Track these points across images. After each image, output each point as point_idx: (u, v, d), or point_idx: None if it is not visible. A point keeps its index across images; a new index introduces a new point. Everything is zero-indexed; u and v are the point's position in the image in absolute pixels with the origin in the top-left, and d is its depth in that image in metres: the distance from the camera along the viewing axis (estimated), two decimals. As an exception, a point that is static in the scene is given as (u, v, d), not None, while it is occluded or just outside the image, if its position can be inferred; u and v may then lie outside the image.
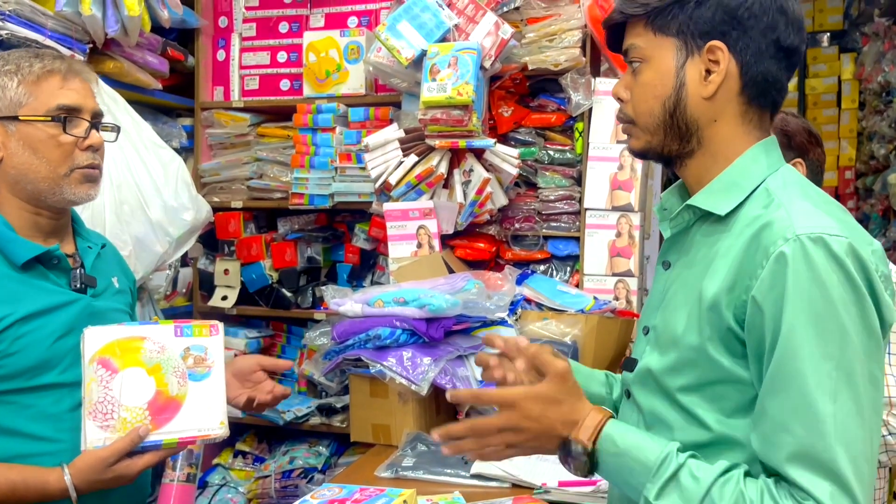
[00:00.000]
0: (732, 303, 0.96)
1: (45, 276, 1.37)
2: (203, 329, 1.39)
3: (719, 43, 1.00)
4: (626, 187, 2.30)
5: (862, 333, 0.91)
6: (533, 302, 2.17)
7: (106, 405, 1.28)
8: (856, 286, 0.90)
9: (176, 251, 2.23)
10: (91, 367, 1.29)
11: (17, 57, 1.37)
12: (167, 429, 1.30)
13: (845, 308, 0.90)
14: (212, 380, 1.37)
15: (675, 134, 1.04)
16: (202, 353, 1.38)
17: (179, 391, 1.33)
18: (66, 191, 1.37)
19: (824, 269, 0.90)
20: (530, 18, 2.37)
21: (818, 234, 0.91)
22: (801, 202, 0.97)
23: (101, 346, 1.31)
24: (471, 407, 1.92)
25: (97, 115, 1.42)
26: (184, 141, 2.66)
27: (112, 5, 2.09)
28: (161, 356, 1.34)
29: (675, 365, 1.02)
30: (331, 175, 2.51)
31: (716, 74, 1.00)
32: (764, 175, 1.02)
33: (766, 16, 0.99)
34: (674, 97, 1.02)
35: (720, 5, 0.99)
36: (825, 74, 5.95)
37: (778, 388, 0.92)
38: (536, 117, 2.41)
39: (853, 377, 0.90)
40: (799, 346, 0.90)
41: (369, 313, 1.94)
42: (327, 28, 2.59)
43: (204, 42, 2.71)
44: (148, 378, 1.33)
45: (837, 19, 5.90)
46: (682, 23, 1.01)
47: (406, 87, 2.37)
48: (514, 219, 2.43)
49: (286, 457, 2.55)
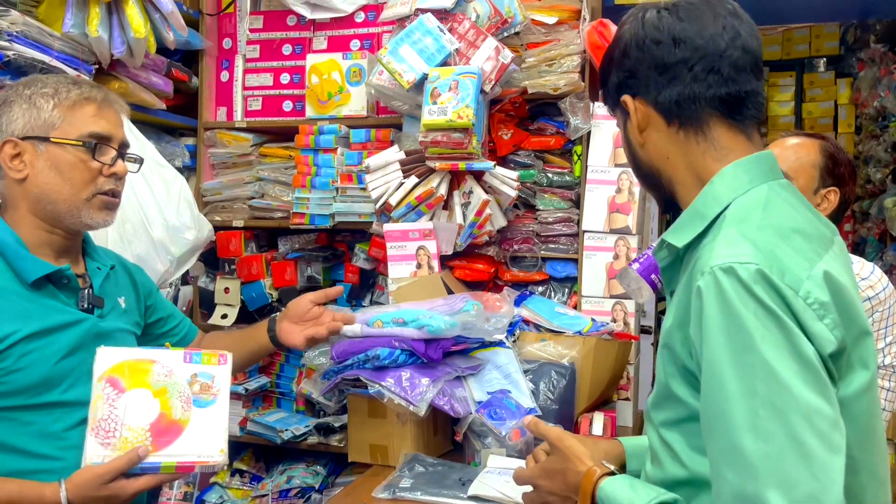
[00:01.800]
0: (683, 340, 0.94)
1: (55, 294, 1.39)
2: (212, 358, 1.42)
3: (624, 97, 1.08)
4: (623, 210, 2.32)
5: (791, 364, 0.83)
6: (531, 323, 2.19)
7: (109, 423, 1.30)
8: (772, 313, 0.84)
9: (177, 270, 2.24)
10: (99, 385, 1.32)
11: (55, 81, 1.41)
12: (167, 451, 1.31)
13: (764, 339, 0.84)
14: (216, 407, 1.39)
15: (650, 183, 1.11)
16: (209, 381, 1.41)
17: (183, 415, 1.35)
18: (85, 215, 1.40)
19: (735, 300, 0.86)
20: (530, 43, 2.41)
21: (728, 263, 0.87)
22: (731, 229, 0.93)
23: (111, 366, 1.34)
24: (469, 428, 1.92)
25: (124, 145, 1.47)
26: (186, 160, 2.69)
27: (118, 27, 2.12)
28: (168, 380, 1.36)
29: (656, 400, 1.04)
30: (332, 195, 2.53)
31: (636, 122, 1.07)
32: (726, 200, 0.99)
33: (644, 52, 1.04)
34: (630, 155, 1.12)
35: (613, 65, 1.09)
36: (822, 99, 6.00)
37: (709, 429, 0.89)
38: (535, 140, 2.44)
39: (786, 413, 0.82)
40: (721, 384, 0.86)
41: (368, 333, 1.95)
42: (330, 51, 2.63)
43: (208, 63, 2.74)
44: (153, 400, 1.35)
45: (834, 45, 5.97)
46: (609, 97, 1.12)
47: (407, 110, 2.40)
48: (513, 240, 2.45)
49: (283, 476, 2.55)
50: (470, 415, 1.89)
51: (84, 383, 1.39)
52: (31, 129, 1.37)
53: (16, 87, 1.41)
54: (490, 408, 1.89)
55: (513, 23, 2.33)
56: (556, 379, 2.00)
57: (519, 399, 1.92)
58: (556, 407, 1.96)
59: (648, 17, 1.05)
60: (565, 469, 1.12)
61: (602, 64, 1.13)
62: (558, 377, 2.00)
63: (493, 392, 1.94)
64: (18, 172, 1.38)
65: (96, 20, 2.04)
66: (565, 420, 1.96)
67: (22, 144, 1.37)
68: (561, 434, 1.18)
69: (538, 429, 1.23)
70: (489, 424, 1.87)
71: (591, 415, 1.99)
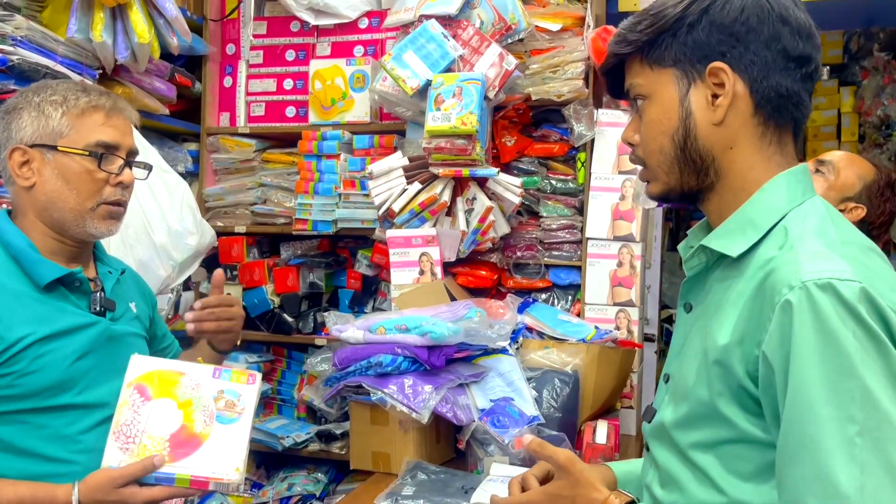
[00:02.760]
0: (744, 357, 0.87)
1: (67, 297, 1.39)
2: (241, 376, 1.42)
3: (720, 64, 0.93)
4: (627, 217, 2.31)
5: (891, 391, 0.78)
6: (534, 330, 2.18)
7: (131, 429, 1.32)
8: (874, 336, 0.79)
9: (179, 275, 2.24)
10: (127, 391, 1.34)
11: (64, 88, 1.41)
12: (183, 464, 1.31)
13: (864, 362, 0.78)
14: (238, 426, 1.38)
15: (690, 168, 0.97)
16: (234, 399, 1.41)
17: (204, 430, 1.35)
18: (89, 224, 1.40)
19: (834, 319, 0.79)
20: (534, 50, 2.40)
21: (826, 279, 0.80)
22: (813, 242, 0.86)
23: (141, 373, 1.37)
24: (472, 435, 1.91)
25: (132, 153, 1.46)
26: (189, 166, 2.68)
27: (122, 32, 2.12)
28: (194, 393, 1.37)
29: (687, 419, 0.95)
30: (334, 201, 2.53)
31: (722, 97, 0.94)
32: (784, 210, 0.92)
33: (765, 27, 0.92)
34: (682, 129, 0.96)
35: (713, 25, 0.93)
36: (825, 107, 6.00)
37: (791, 456, 0.82)
38: (539, 147, 2.43)
39: (883, 442, 0.77)
40: (811, 408, 0.79)
41: (371, 340, 1.94)
42: (333, 57, 2.63)
43: (211, 68, 2.75)
44: (177, 411, 1.36)
45: (837, 53, 5.97)
46: (677, 51, 0.95)
47: (411, 116, 2.40)
48: (516, 247, 2.44)
49: (284, 483, 2.54)
50: (473, 422, 1.88)
51: (98, 385, 1.39)
52: (40, 136, 1.37)
53: (25, 93, 1.41)
54: (493, 415, 1.88)
55: (517, 29, 2.33)
56: (560, 387, 1.98)
57: (522, 407, 1.91)
58: (560, 415, 1.95)
59: None
60: (575, 496, 1.03)
61: (682, 8, 0.95)
62: (561, 385, 1.99)
63: (496, 400, 1.93)
64: (26, 180, 1.38)
65: (100, 25, 2.04)
66: (568, 428, 1.94)
67: (31, 152, 1.37)
68: (572, 457, 1.05)
69: (544, 451, 1.07)
70: (492, 432, 1.85)
71: (595, 423, 1.98)
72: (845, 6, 2.67)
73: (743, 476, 0.89)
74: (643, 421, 1.09)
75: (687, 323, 1.03)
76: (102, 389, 1.39)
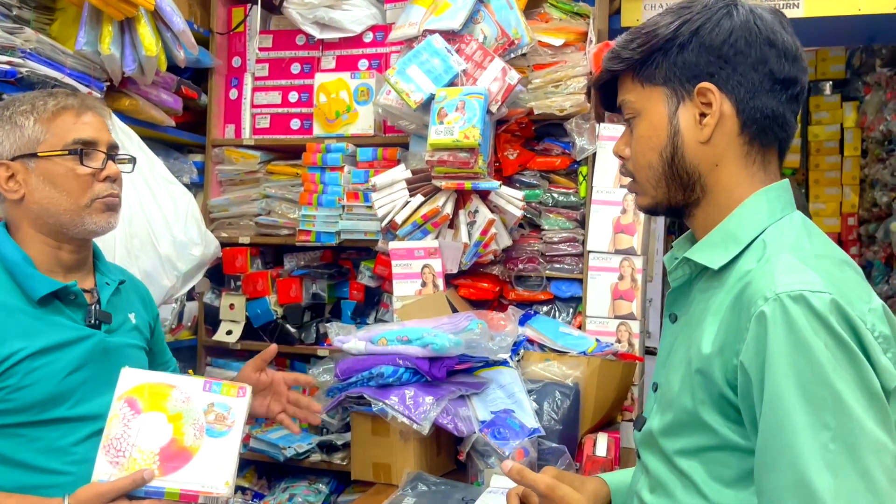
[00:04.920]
0: (723, 366, 0.90)
1: (61, 311, 1.39)
2: (231, 389, 1.41)
3: (708, 84, 0.96)
4: (628, 231, 2.33)
5: (861, 398, 0.81)
6: (535, 343, 2.18)
7: (121, 442, 1.30)
8: (845, 345, 0.82)
9: (183, 285, 2.26)
10: (118, 404, 1.32)
11: (31, 97, 1.41)
12: (173, 478, 1.30)
13: (835, 371, 0.81)
14: (228, 439, 1.37)
15: (677, 184, 1.00)
16: (224, 412, 1.40)
17: (194, 443, 1.34)
18: (87, 221, 1.40)
19: (806, 329, 0.82)
20: (537, 65, 2.43)
21: (798, 290, 0.84)
22: (788, 255, 0.90)
23: (131, 387, 1.35)
24: (472, 447, 1.92)
25: (113, 147, 1.46)
26: (194, 177, 2.70)
27: (130, 45, 2.15)
28: (185, 406, 1.36)
29: (672, 427, 0.97)
30: (338, 213, 2.54)
31: (710, 117, 0.97)
32: (763, 225, 0.96)
33: (753, 50, 0.95)
34: (669, 146, 0.99)
35: (703, 46, 0.96)
36: (828, 122, 6.02)
37: (769, 463, 0.85)
38: (541, 160, 2.45)
39: (856, 448, 0.80)
40: (787, 416, 0.82)
41: (372, 351, 1.95)
42: (338, 70, 2.65)
43: (217, 81, 2.77)
44: (167, 425, 1.34)
45: (840, 68, 5.99)
46: (668, 70, 0.98)
47: (414, 129, 2.42)
48: (518, 259, 2.45)
49: (286, 493, 2.54)
50: (473, 434, 1.89)
51: (92, 399, 1.39)
52: (18, 148, 1.37)
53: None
54: (493, 427, 1.89)
55: (520, 44, 2.36)
56: (560, 399, 1.99)
57: (523, 419, 1.91)
58: (560, 427, 1.95)
59: (763, 15, 0.97)
60: None
61: (674, 28, 0.97)
62: (562, 397, 1.99)
63: (496, 411, 1.94)
64: (14, 193, 1.38)
65: (109, 38, 2.07)
66: (569, 441, 1.95)
67: (13, 165, 1.37)
68: (552, 484, 1.06)
69: (524, 478, 1.07)
70: (492, 444, 1.86)
71: (595, 435, 1.99)
72: (847, 23, 2.69)
73: (725, 482, 0.92)
74: (634, 429, 1.11)
75: (672, 333, 1.06)
76: (96, 402, 1.39)
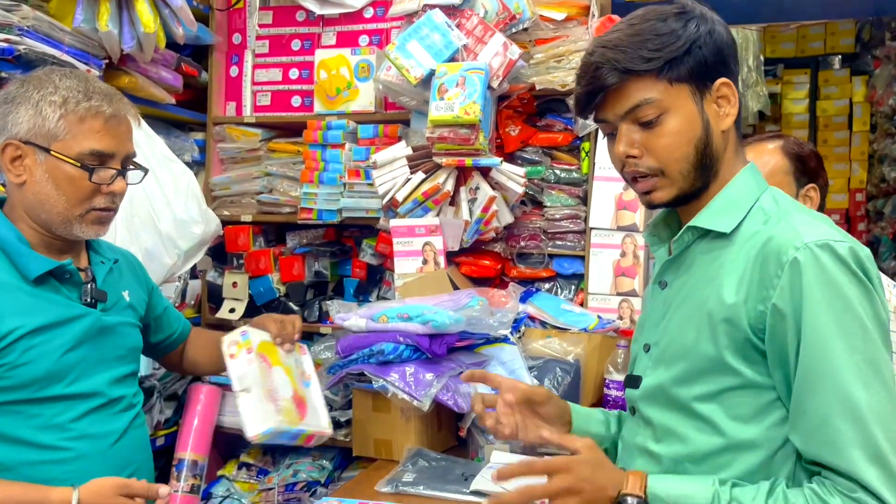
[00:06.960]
0: (748, 314, 1.03)
1: (58, 289, 1.39)
2: (298, 348, 1.68)
3: (726, 80, 1.10)
4: (631, 207, 2.31)
5: (877, 326, 0.99)
6: (537, 320, 2.18)
7: (274, 392, 1.49)
8: (862, 283, 0.99)
9: (185, 264, 2.26)
10: (256, 358, 1.51)
11: (66, 87, 1.37)
12: (306, 422, 1.53)
13: (860, 304, 0.99)
14: (314, 388, 1.63)
15: (702, 171, 1.11)
16: (303, 367, 1.65)
17: (304, 392, 1.57)
18: (76, 228, 1.40)
19: (834, 271, 0.99)
20: (538, 40, 2.40)
21: (824, 240, 1.00)
22: (800, 216, 1.07)
23: (261, 342, 1.55)
24: (473, 423, 1.92)
25: (129, 157, 1.44)
26: (195, 155, 2.70)
27: (128, 22, 2.14)
28: (287, 360, 1.59)
29: (687, 375, 1.09)
30: (339, 191, 2.54)
31: (730, 107, 1.11)
32: (756, 194, 1.12)
33: (735, 50, 1.13)
34: (704, 137, 1.10)
35: (715, 46, 1.09)
36: (836, 97, 5.95)
37: (813, 386, 0.99)
38: (543, 137, 2.43)
39: (879, 365, 0.98)
40: (826, 344, 0.98)
41: (373, 328, 1.96)
42: (338, 46, 2.63)
43: (217, 58, 2.76)
44: (285, 377, 1.56)
45: (849, 42, 5.91)
46: (692, 68, 1.08)
47: (415, 106, 2.40)
48: (520, 237, 2.44)
49: (290, 470, 2.56)
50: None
51: (89, 376, 1.40)
52: (35, 135, 1.35)
53: (26, 86, 1.37)
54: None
55: (521, 19, 2.33)
56: (561, 376, 1.99)
57: (523, 395, 1.91)
58: (561, 404, 1.96)
59: (716, 19, 1.12)
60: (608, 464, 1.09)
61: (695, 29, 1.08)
62: (563, 374, 2.00)
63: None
64: (17, 177, 1.37)
65: (106, 15, 2.06)
66: (569, 417, 1.95)
67: (24, 148, 1.36)
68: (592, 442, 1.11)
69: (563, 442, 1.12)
70: (493, 420, 1.86)
71: (596, 412, 1.99)
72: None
73: (742, 419, 1.06)
74: (627, 388, 1.22)
75: (663, 298, 1.18)
76: (93, 380, 1.40)
